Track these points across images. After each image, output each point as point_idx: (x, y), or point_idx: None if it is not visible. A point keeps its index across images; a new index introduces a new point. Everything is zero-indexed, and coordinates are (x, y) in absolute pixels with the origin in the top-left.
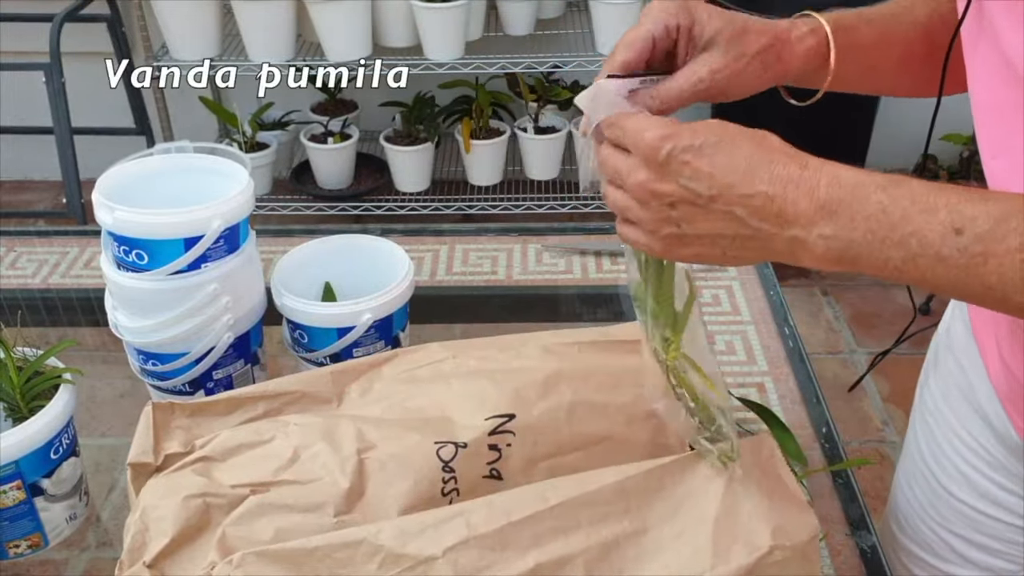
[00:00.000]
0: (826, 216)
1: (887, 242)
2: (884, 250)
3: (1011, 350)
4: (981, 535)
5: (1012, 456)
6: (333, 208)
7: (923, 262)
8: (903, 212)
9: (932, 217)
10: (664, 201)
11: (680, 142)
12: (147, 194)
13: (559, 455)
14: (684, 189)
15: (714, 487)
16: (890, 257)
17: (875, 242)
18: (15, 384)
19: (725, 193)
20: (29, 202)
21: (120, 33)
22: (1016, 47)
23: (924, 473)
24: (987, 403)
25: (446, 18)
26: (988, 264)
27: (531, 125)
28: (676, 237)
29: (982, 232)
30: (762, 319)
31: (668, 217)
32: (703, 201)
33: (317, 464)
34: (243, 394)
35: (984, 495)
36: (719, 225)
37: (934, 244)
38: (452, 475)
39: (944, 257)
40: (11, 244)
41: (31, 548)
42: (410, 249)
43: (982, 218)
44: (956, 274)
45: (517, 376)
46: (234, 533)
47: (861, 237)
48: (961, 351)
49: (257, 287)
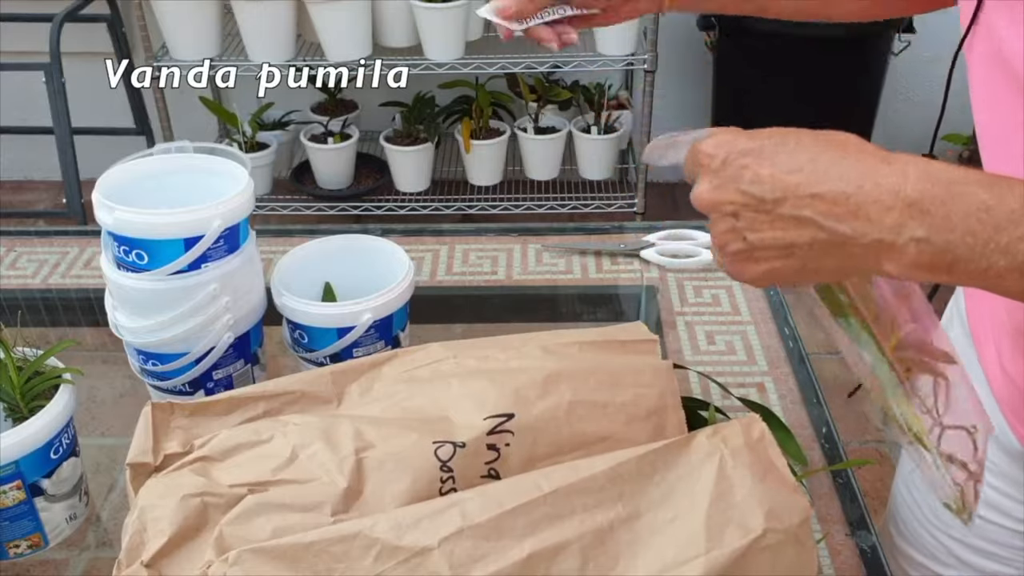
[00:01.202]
0: (918, 215)
1: (990, 246)
2: (986, 256)
3: (1012, 359)
4: (981, 540)
5: (1013, 462)
6: (333, 208)
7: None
8: (1010, 213)
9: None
10: (726, 211)
11: (736, 147)
12: (147, 194)
13: (558, 455)
14: (745, 195)
15: (706, 471)
16: (992, 264)
17: (977, 245)
18: (15, 384)
19: (791, 194)
20: (29, 202)
21: (120, 33)
22: (1015, 47)
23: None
24: (987, 409)
25: (446, 18)
26: None
27: (531, 125)
28: (745, 253)
29: None
30: (762, 319)
31: (733, 228)
32: (768, 206)
33: (315, 464)
34: (243, 394)
35: (984, 501)
36: (791, 233)
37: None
38: (450, 475)
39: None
40: (11, 244)
41: (31, 548)
42: (410, 249)
43: None
44: None
45: (517, 376)
46: (231, 532)
47: (960, 239)
48: (960, 356)
49: (257, 287)
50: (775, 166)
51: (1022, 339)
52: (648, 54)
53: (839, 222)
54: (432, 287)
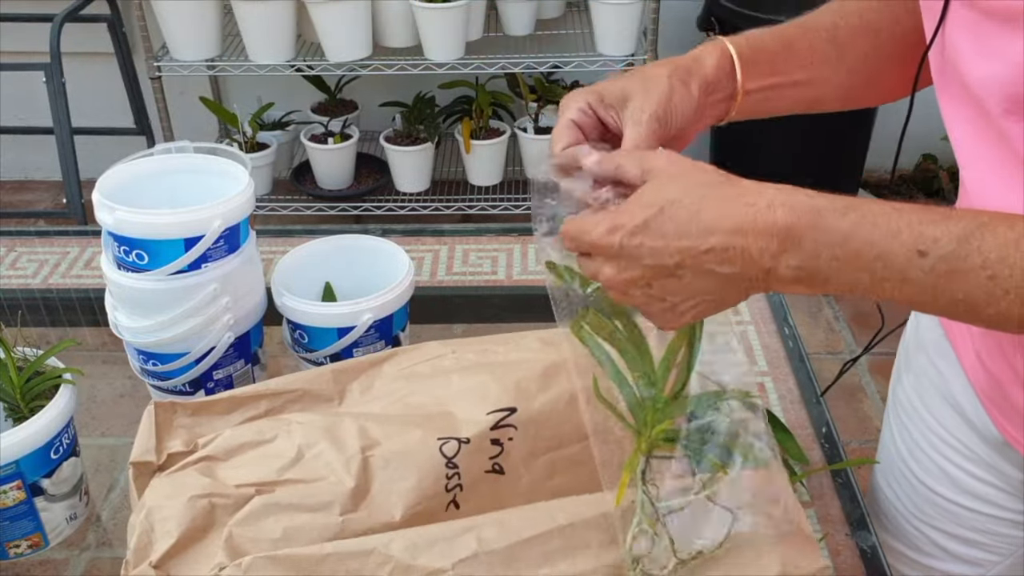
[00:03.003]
0: (791, 246)
1: (853, 266)
2: (852, 273)
3: (986, 348)
4: (962, 528)
5: (991, 451)
6: (333, 208)
7: (890, 285)
8: (866, 237)
9: (894, 240)
10: (639, 285)
11: (626, 228)
12: (147, 194)
13: (561, 447)
14: (650, 268)
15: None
16: (859, 280)
17: (842, 268)
18: (15, 384)
19: (687, 256)
20: (29, 202)
21: (120, 33)
22: (974, 72)
23: (903, 471)
24: (964, 399)
25: (446, 18)
26: (954, 283)
27: (531, 125)
28: (670, 310)
29: (946, 252)
30: (762, 319)
31: (652, 295)
32: (671, 270)
33: (321, 463)
34: (245, 393)
35: (964, 489)
36: (699, 285)
37: (899, 267)
38: (455, 471)
39: (910, 278)
40: (11, 244)
41: (31, 548)
42: (410, 249)
43: (944, 239)
44: (924, 292)
45: (517, 368)
46: (241, 533)
47: (827, 265)
48: (933, 348)
49: (257, 287)
50: (664, 237)
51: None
52: (647, 54)
53: (732, 266)
54: (432, 287)
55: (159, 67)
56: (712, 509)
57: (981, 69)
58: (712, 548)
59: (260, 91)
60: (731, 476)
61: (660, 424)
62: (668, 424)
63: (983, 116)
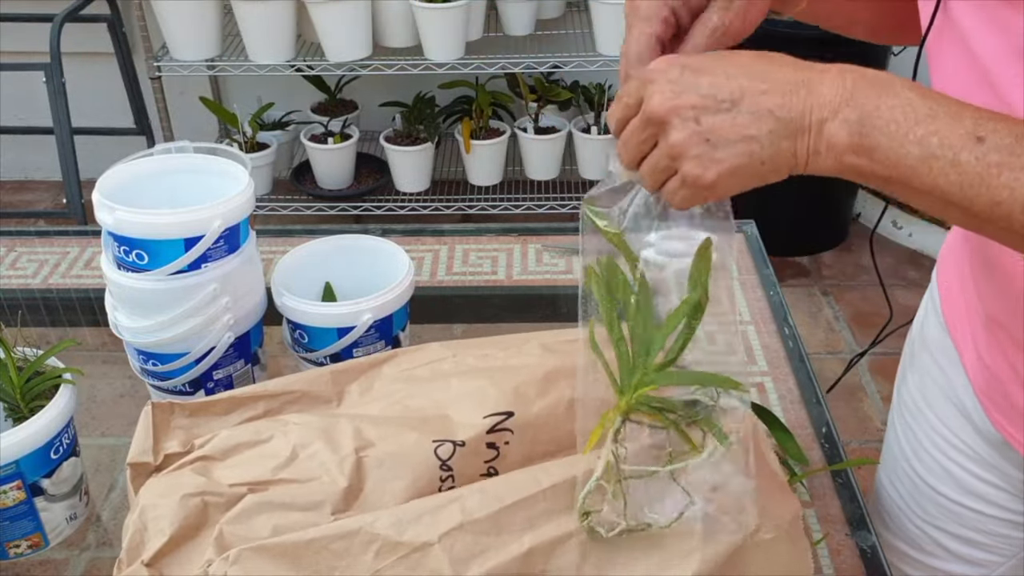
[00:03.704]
0: (853, 104)
1: (909, 136)
2: (904, 145)
3: (987, 346)
4: (965, 529)
5: (992, 450)
6: (333, 208)
7: (938, 165)
8: (930, 110)
9: (956, 122)
10: (687, 116)
11: (689, 60)
12: (147, 194)
13: (557, 453)
14: (706, 98)
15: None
16: (908, 153)
17: (897, 134)
18: (15, 384)
19: (747, 92)
20: (29, 202)
21: (120, 33)
22: (985, 47)
23: (906, 470)
24: (966, 398)
25: (446, 18)
26: (1002, 176)
27: (531, 125)
28: (707, 155)
29: (1003, 144)
30: (762, 319)
31: (694, 132)
32: (727, 106)
33: (315, 463)
34: (243, 394)
35: (966, 490)
36: (749, 128)
37: (954, 147)
38: (450, 473)
39: (961, 162)
40: (11, 244)
41: (31, 548)
42: (410, 249)
43: (1004, 132)
44: (968, 182)
45: (516, 374)
46: (232, 531)
47: (884, 126)
48: (937, 348)
49: (257, 287)
50: (728, 75)
51: (997, 328)
52: None
53: (790, 111)
54: (432, 287)
55: (159, 67)
56: (673, 488)
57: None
58: (661, 525)
59: (260, 91)
60: (699, 460)
61: (643, 388)
62: (651, 388)
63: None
